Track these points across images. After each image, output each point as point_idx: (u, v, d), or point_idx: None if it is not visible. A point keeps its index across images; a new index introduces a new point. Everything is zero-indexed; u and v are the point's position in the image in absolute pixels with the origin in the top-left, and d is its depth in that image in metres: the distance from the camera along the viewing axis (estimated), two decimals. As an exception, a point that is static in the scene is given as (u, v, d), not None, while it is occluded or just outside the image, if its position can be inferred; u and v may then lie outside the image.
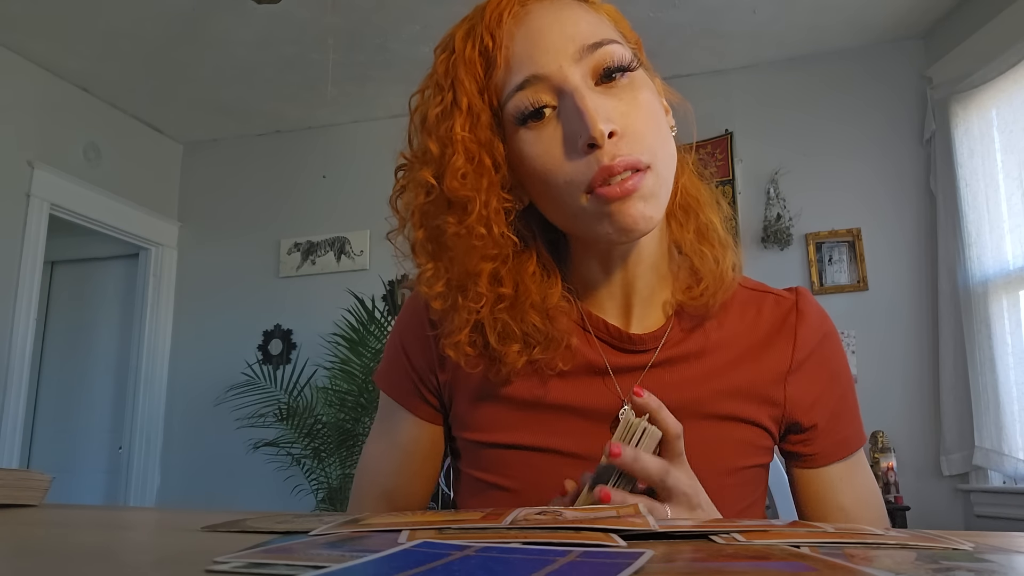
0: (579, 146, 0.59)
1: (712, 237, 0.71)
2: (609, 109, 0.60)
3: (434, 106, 0.64)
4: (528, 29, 0.62)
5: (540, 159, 0.62)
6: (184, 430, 4.10)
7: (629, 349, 0.69)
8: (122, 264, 4.36)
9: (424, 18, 3.20)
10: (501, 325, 0.65)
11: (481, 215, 0.62)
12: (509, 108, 0.62)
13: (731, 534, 0.39)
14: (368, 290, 3.71)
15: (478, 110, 0.63)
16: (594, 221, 0.61)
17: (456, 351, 0.66)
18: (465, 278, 0.64)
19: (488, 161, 0.63)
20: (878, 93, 3.43)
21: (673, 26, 3.29)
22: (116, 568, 0.33)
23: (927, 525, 2.81)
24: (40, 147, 3.56)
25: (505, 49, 0.62)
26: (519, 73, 0.62)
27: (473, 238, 0.62)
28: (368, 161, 3.88)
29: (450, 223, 0.63)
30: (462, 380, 0.72)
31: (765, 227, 3.45)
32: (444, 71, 0.64)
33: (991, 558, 0.34)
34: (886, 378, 3.20)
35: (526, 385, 0.69)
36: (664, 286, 0.71)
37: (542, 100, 0.61)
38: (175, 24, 3.28)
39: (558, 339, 0.66)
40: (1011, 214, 2.90)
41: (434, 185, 0.63)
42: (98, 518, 0.60)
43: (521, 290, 0.66)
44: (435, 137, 0.63)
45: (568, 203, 0.62)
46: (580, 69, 0.61)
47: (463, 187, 0.62)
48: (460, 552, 0.31)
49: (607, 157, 0.59)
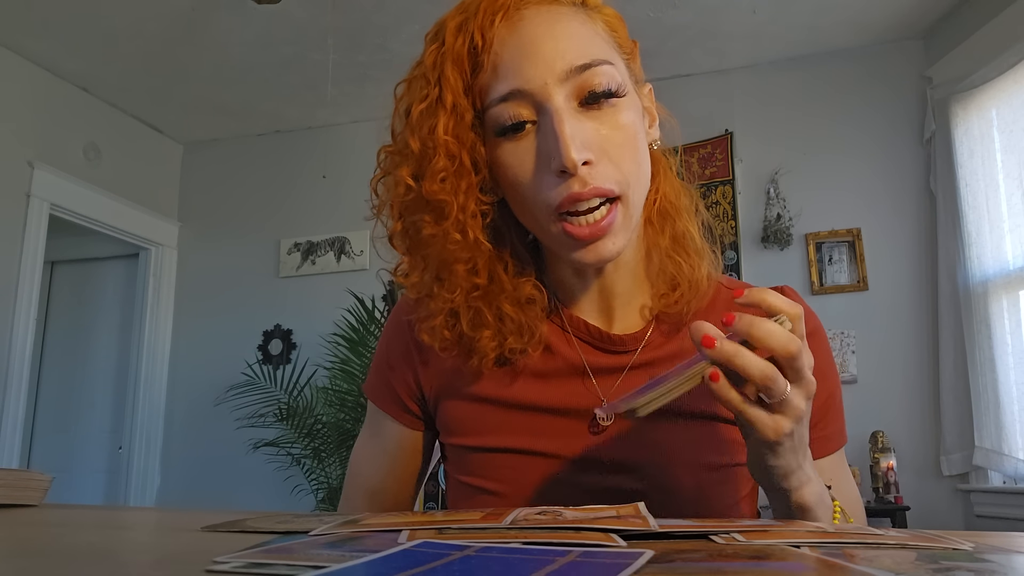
0: (552, 168, 0.60)
1: (688, 245, 0.71)
2: (588, 134, 0.60)
3: (419, 100, 0.63)
4: (520, 37, 0.61)
5: (514, 171, 0.62)
6: (184, 430, 4.10)
7: (609, 349, 0.70)
8: (122, 264, 4.36)
9: (424, 18, 3.18)
10: (474, 312, 0.66)
11: (458, 220, 0.62)
12: (490, 115, 0.62)
13: (731, 534, 0.39)
14: (368, 290, 3.71)
15: (462, 109, 0.62)
16: (561, 245, 0.63)
17: (432, 335, 0.67)
18: (441, 269, 0.65)
19: (468, 163, 0.62)
20: (878, 93, 3.43)
21: (673, 26, 3.29)
22: (116, 568, 0.33)
23: (927, 525, 2.81)
24: (40, 147, 3.55)
25: (494, 54, 0.61)
26: (504, 83, 0.61)
27: (448, 242, 0.63)
28: (368, 161, 3.78)
29: (427, 222, 0.63)
30: (446, 387, 0.73)
31: (765, 227, 3.45)
32: (432, 63, 0.63)
33: (991, 558, 0.34)
34: (886, 378, 3.20)
35: (506, 388, 0.70)
36: (642, 290, 0.72)
37: (523, 115, 0.61)
38: (175, 24, 3.28)
39: (530, 328, 0.67)
40: (1011, 214, 2.90)
41: (411, 186, 0.63)
42: (98, 518, 0.60)
43: (495, 281, 0.66)
44: (417, 136, 0.63)
45: (539, 219, 0.63)
46: (565, 89, 0.60)
47: (441, 191, 0.62)
48: (460, 552, 0.31)
49: (577, 184, 0.59)
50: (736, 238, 3.50)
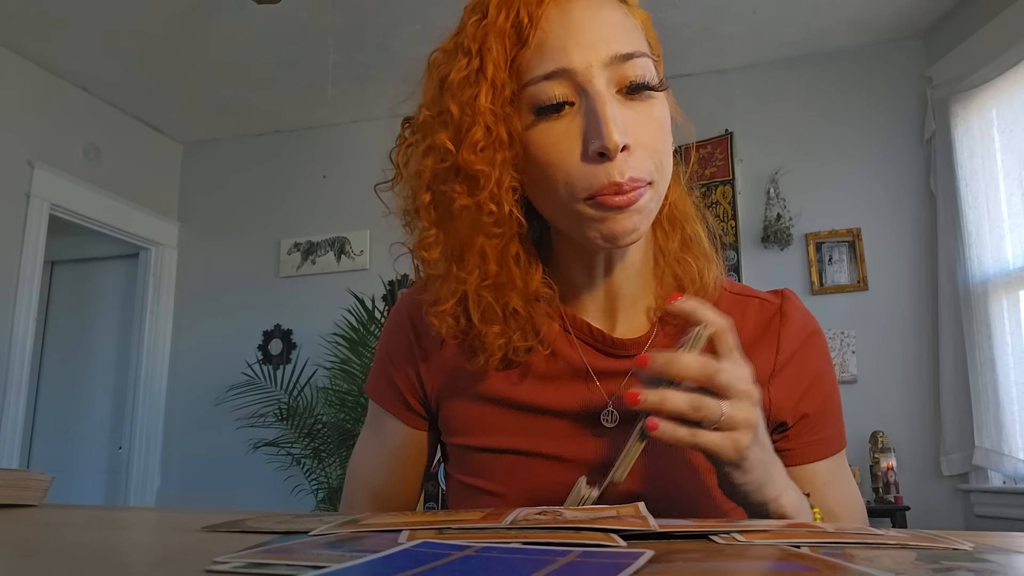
0: (590, 151, 0.59)
1: (696, 249, 0.71)
2: (627, 121, 0.60)
3: (459, 69, 0.63)
4: (567, 18, 0.61)
5: (548, 152, 0.61)
6: (184, 430, 4.10)
7: (613, 353, 0.69)
8: (122, 264, 4.36)
9: (424, 18, 3.20)
10: (484, 304, 0.65)
11: (493, 192, 0.62)
12: (529, 93, 0.61)
13: (731, 534, 0.39)
14: (368, 290, 3.71)
15: (502, 83, 0.61)
16: (583, 224, 0.62)
17: (439, 320, 0.67)
18: (463, 247, 0.64)
19: (505, 136, 0.62)
20: (878, 93, 3.43)
21: (673, 26, 3.29)
22: (116, 568, 0.33)
23: (927, 525, 2.81)
24: (40, 147, 3.55)
25: (540, 31, 0.61)
26: (549, 62, 0.61)
27: (483, 214, 0.62)
28: (368, 161, 3.84)
29: (459, 193, 0.62)
30: (448, 386, 0.73)
31: (765, 227, 3.45)
32: (473, 34, 0.63)
33: (991, 558, 0.34)
34: (886, 378, 3.20)
35: (509, 388, 0.69)
36: (648, 292, 0.71)
37: (565, 95, 0.61)
38: (175, 24, 3.28)
39: (536, 326, 0.67)
40: (1011, 214, 2.90)
41: (451, 151, 0.62)
42: (98, 518, 0.60)
43: (504, 270, 0.65)
44: (457, 102, 0.62)
45: (562, 201, 0.62)
46: (607, 74, 0.60)
47: (479, 160, 0.61)
48: (460, 552, 0.31)
49: (617, 172, 0.59)
50: (736, 238, 3.50)
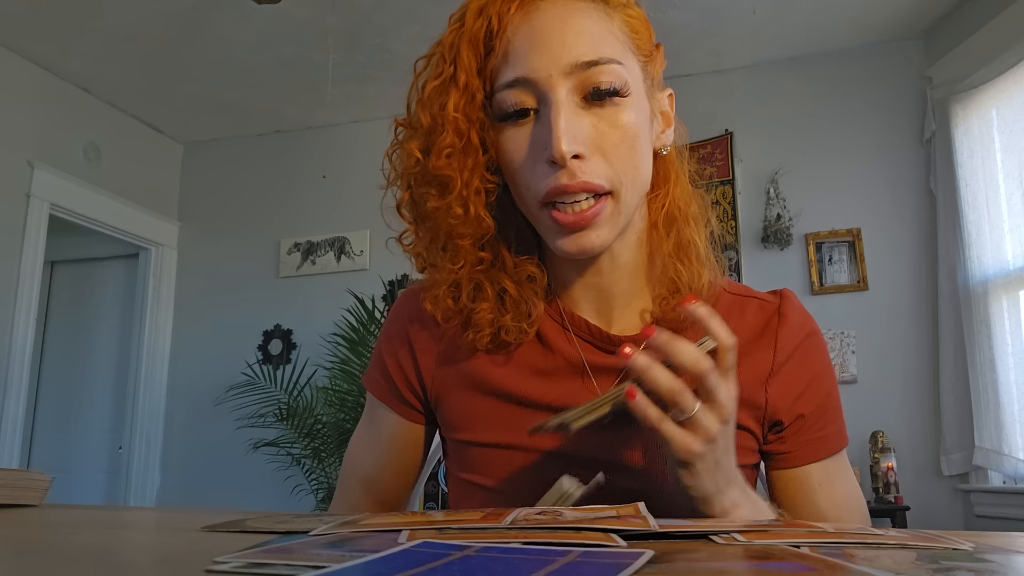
0: (544, 157, 0.61)
1: (691, 253, 0.71)
2: (584, 129, 0.61)
3: (433, 77, 0.66)
4: (531, 27, 0.63)
5: (512, 158, 0.64)
6: (184, 430, 4.09)
7: (609, 349, 0.70)
8: (122, 264, 4.36)
9: (424, 18, 3.20)
10: (475, 284, 0.68)
11: (461, 195, 0.64)
12: (496, 99, 0.64)
13: (731, 534, 0.39)
14: (368, 290, 3.71)
15: (474, 89, 0.64)
16: (548, 232, 0.65)
17: (435, 304, 0.69)
18: (447, 241, 0.67)
19: (477, 141, 0.64)
20: (878, 93, 3.43)
21: (673, 26, 3.29)
22: (116, 568, 0.33)
23: (927, 525, 2.81)
24: (40, 147, 3.55)
25: (506, 39, 0.63)
26: (512, 70, 0.62)
27: (450, 216, 0.65)
28: (368, 161, 3.85)
29: (431, 195, 0.65)
30: (446, 382, 0.73)
31: (765, 227, 3.45)
32: (450, 43, 0.65)
33: (991, 558, 0.34)
34: (886, 378, 3.20)
35: (507, 384, 0.70)
36: (643, 293, 0.72)
37: (525, 103, 0.63)
38: (175, 24, 3.28)
39: (528, 305, 0.69)
40: (1011, 214, 2.90)
41: (419, 159, 0.65)
42: (98, 518, 0.60)
43: (498, 257, 0.69)
44: (428, 111, 0.65)
45: (529, 205, 0.65)
46: (569, 83, 0.61)
47: (447, 166, 0.64)
48: (460, 552, 0.31)
49: (566, 176, 0.61)
50: (736, 238, 3.50)
